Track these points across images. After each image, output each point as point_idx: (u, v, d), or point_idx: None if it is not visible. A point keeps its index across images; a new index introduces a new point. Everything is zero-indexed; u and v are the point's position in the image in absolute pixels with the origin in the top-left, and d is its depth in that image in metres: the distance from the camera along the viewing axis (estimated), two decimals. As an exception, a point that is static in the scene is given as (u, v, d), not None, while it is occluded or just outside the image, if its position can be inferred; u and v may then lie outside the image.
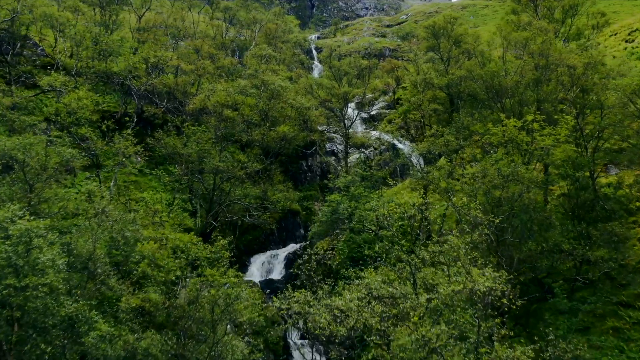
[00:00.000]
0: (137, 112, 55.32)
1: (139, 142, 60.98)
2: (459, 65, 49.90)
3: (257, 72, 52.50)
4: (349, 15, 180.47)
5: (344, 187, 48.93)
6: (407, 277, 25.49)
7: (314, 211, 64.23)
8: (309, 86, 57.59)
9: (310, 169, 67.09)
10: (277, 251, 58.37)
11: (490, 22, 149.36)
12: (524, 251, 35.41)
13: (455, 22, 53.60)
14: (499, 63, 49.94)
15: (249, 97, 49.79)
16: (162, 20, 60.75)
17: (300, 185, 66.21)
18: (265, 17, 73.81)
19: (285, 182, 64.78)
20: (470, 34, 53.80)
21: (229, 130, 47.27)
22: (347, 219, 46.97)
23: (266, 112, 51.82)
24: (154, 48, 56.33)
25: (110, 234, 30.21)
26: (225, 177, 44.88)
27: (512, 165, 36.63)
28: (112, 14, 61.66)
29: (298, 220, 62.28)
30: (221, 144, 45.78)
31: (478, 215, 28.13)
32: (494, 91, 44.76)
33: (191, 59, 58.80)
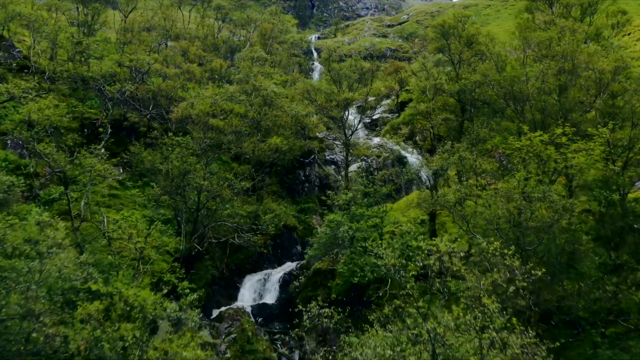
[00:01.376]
0: (111, 122, 49.13)
1: (122, 151, 55.27)
2: (472, 68, 43.67)
3: (248, 77, 46.33)
4: (350, 15, 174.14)
5: (344, 205, 42.71)
6: (425, 347, 19.33)
7: (312, 226, 57.97)
8: (306, 91, 51.40)
9: (308, 179, 60.84)
10: (272, 271, 52.16)
11: (493, 21, 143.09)
12: (557, 290, 29.27)
13: (467, 21, 47.29)
14: (517, 67, 43.67)
15: (238, 104, 43.56)
16: (147, 20, 54.52)
17: (297, 197, 59.99)
18: (260, 16, 67.52)
19: (280, 195, 58.63)
20: (484, 34, 47.54)
21: (215, 142, 40.99)
22: (349, 242, 40.81)
23: (258, 121, 45.63)
24: (135, 50, 50.14)
25: (57, 283, 23.92)
26: (211, 195, 38.68)
27: (541, 188, 30.44)
28: (94, 13, 55.37)
29: (295, 236, 56.04)
30: (206, 158, 39.53)
31: (514, 265, 21.86)
32: (513, 99, 38.51)
33: (177, 61, 52.61)
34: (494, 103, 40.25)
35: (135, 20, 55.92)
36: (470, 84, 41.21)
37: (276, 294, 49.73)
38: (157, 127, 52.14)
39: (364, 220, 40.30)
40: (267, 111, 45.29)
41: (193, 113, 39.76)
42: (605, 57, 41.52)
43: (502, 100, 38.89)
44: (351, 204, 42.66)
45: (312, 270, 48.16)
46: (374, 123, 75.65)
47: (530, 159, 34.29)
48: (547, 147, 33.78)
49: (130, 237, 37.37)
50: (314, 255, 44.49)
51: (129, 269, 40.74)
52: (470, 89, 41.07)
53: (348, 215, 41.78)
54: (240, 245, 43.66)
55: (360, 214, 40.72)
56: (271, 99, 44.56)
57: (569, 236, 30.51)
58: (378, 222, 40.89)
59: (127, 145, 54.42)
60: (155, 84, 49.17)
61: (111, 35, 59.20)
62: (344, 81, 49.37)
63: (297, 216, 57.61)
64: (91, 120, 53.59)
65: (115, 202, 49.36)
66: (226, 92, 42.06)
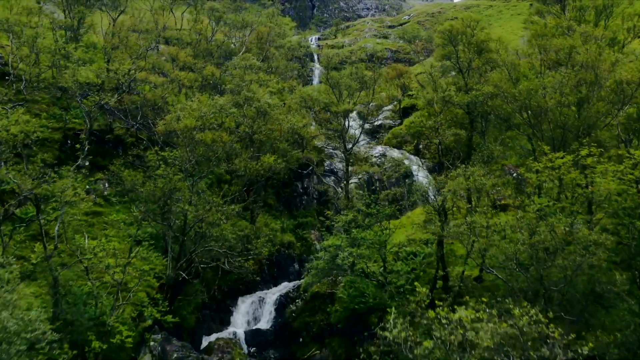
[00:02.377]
0: (95, 132, 44.98)
1: (107, 163, 50.89)
2: (484, 79, 39.34)
3: (240, 87, 42.02)
4: (350, 15, 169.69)
5: (344, 227, 38.51)
6: None
7: (310, 242, 53.76)
8: (304, 101, 47.16)
9: (306, 192, 56.59)
10: (267, 292, 47.92)
11: (495, 22, 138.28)
12: (587, 339, 25.06)
13: (476, 26, 42.92)
14: (532, 76, 39.40)
15: (229, 117, 39.20)
16: (135, 24, 50.11)
17: (294, 211, 55.70)
18: (257, 19, 63.09)
19: (276, 209, 54.32)
20: (494, 39, 43.23)
21: (203, 158, 36.67)
22: (349, 268, 36.63)
23: (251, 135, 41.36)
24: (121, 58, 45.82)
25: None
26: (197, 219, 34.41)
27: (567, 221, 26.29)
28: (79, 17, 51.04)
29: (292, 254, 51.84)
30: (193, 178, 35.26)
31: (554, 338, 17.60)
32: (531, 113, 34.26)
33: (166, 68, 48.29)
34: (508, 118, 35.97)
35: (123, 24, 51.54)
36: (481, 95, 36.91)
37: (272, 318, 45.56)
38: (145, 137, 47.78)
39: (366, 245, 36.14)
40: (261, 124, 41.03)
41: (178, 128, 35.53)
42: (626, 65, 37.29)
43: (518, 115, 34.63)
44: (351, 225, 38.50)
45: (309, 293, 43.95)
46: (375, 129, 71.38)
47: (552, 182, 30.11)
48: (570, 170, 29.60)
49: (107, 267, 33.26)
50: (310, 283, 40.33)
51: (109, 297, 36.69)
52: (481, 101, 36.77)
53: (348, 238, 37.62)
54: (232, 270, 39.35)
55: (362, 238, 36.53)
56: (265, 111, 40.25)
57: (599, 275, 26.29)
58: (381, 246, 36.76)
59: (113, 157, 50.03)
60: (141, 93, 44.87)
61: (99, 38, 54.77)
62: (344, 90, 45.07)
63: (294, 231, 53.42)
64: (75, 131, 49.20)
65: (99, 221, 45.08)
66: (215, 104, 37.72)
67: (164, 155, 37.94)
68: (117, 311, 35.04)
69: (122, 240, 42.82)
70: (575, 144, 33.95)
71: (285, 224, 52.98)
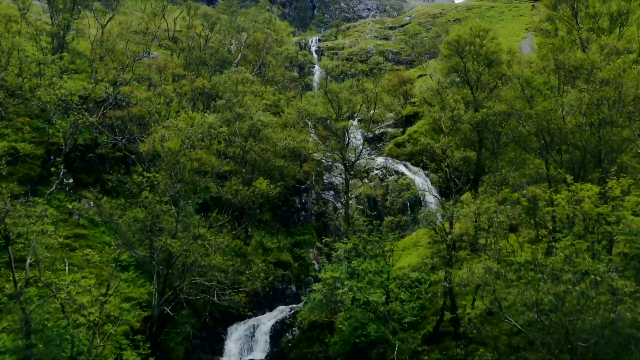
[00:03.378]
0: (63, 159, 41.29)
1: (93, 180, 47.18)
2: (495, 95, 35.53)
3: (231, 103, 38.16)
4: (351, 16, 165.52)
5: (344, 255, 34.83)
6: None
7: (308, 261, 50.08)
8: (301, 115, 43.40)
9: (304, 207, 52.79)
10: (262, 318, 44.16)
11: (497, 23, 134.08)
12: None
13: (486, 35, 39.06)
14: (545, 91, 35.59)
15: (219, 135, 35.36)
16: (121, 31, 46.26)
17: (292, 227, 51.88)
18: (253, 25, 58.97)
19: (272, 226, 50.53)
20: (506, 50, 39.46)
21: (189, 184, 32.87)
22: (350, 303, 32.92)
23: (243, 155, 37.64)
24: (107, 68, 42.04)
25: None
26: (182, 252, 30.70)
27: (597, 267, 22.59)
28: (64, 24, 47.31)
29: (289, 274, 48.14)
30: (178, 207, 31.54)
31: None
32: (548, 135, 30.48)
33: (154, 80, 44.48)
34: (522, 140, 32.20)
35: (112, 31, 47.69)
36: (493, 114, 33.09)
37: (266, 348, 41.84)
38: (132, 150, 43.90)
39: (367, 279, 32.47)
40: (253, 144, 37.30)
41: (162, 151, 31.81)
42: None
43: (534, 139, 30.89)
44: (352, 253, 34.84)
45: (307, 322, 40.24)
46: (377, 137, 67.50)
47: (576, 217, 26.40)
48: (598, 204, 25.89)
49: (81, 308, 29.58)
50: (306, 317, 36.64)
51: (88, 333, 33.02)
52: (493, 120, 32.96)
53: (348, 269, 33.94)
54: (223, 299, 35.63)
55: (363, 270, 32.85)
56: (258, 129, 36.52)
57: (633, 330, 22.57)
58: (383, 278, 33.09)
59: (99, 173, 46.39)
60: (127, 108, 41.10)
61: (88, 44, 50.82)
62: (344, 105, 41.30)
63: (292, 250, 49.70)
64: (59, 145, 45.41)
65: (82, 244, 41.35)
66: (202, 123, 33.91)
67: (149, 176, 34.23)
68: (96, 350, 31.51)
69: (107, 265, 39.14)
70: (597, 170, 30.28)
71: (282, 242, 49.28)
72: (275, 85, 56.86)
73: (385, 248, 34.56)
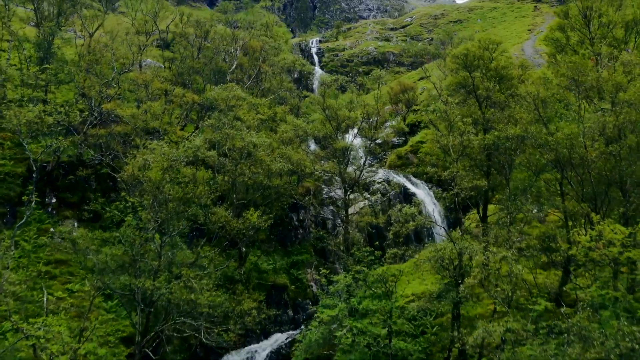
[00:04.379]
0: (49, 175, 38.04)
1: (77, 200, 43.84)
2: (507, 115, 32.05)
3: (220, 122, 34.63)
4: (352, 16, 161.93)
5: (343, 289, 31.53)
6: None
7: (305, 283, 46.70)
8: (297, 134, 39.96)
9: (302, 225, 49.38)
10: (257, 347, 40.79)
11: (499, 24, 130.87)
12: None
13: (496, 48, 35.58)
14: (560, 109, 32.12)
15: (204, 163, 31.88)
16: (108, 43, 42.68)
17: (289, 246, 48.43)
18: (249, 33, 55.27)
19: (269, 244, 47.18)
20: (517, 64, 36.06)
21: (173, 214, 29.38)
22: (349, 346, 29.56)
23: (233, 179, 34.25)
24: (91, 83, 38.58)
25: None
26: (165, 294, 27.33)
27: (630, 328, 19.27)
28: (49, 33, 43.91)
29: (285, 298, 44.78)
30: (164, 236, 28.15)
31: None
32: (569, 164, 27.07)
33: (140, 96, 41.02)
34: (540, 169, 28.76)
35: (100, 40, 44.13)
36: (505, 140, 29.60)
37: (261, 380, 38.68)
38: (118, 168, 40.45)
39: (369, 319, 29.14)
40: (244, 168, 33.92)
41: (143, 179, 28.49)
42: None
43: (552, 167, 27.47)
44: (351, 287, 31.53)
45: (303, 357, 36.87)
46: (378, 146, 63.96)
47: (603, 262, 23.05)
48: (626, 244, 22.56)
49: (52, 356, 26.25)
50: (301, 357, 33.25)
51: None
52: (507, 146, 29.53)
53: (347, 305, 30.61)
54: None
55: (365, 310, 29.51)
56: (249, 152, 33.15)
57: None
58: (386, 317, 29.78)
59: (84, 192, 43.01)
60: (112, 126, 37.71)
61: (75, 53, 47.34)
62: (343, 123, 37.90)
63: (289, 271, 46.29)
64: (42, 162, 42.07)
65: (63, 270, 38.05)
66: (189, 146, 30.44)
67: (133, 201, 30.89)
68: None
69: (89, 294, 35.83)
70: (621, 202, 26.90)
71: (278, 263, 45.91)
72: (272, 94, 53.36)
73: (387, 282, 31.26)
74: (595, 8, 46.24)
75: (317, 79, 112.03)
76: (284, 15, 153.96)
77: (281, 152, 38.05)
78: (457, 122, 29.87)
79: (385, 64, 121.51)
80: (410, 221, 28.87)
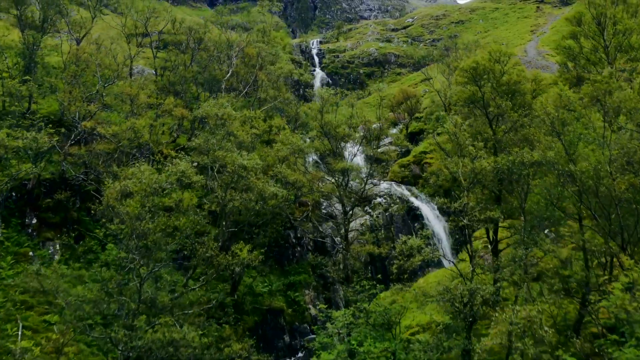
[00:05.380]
0: (29, 194, 34.82)
1: (60, 220, 40.58)
2: (522, 136, 28.76)
3: (209, 143, 31.26)
4: (353, 17, 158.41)
5: (343, 325, 28.27)
6: None
7: (303, 306, 43.46)
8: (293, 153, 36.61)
9: (299, 242, 46.13)
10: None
11: (501, 25, 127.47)
12: None
13: (508, 60, 32.22)
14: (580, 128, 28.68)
15: (192, 184, 28.59)
16: (92, 53, 39.25)
17: (286, 265, 45.14)
18: (245, 38, 51.78)
19: (264, 263, 43.94)
20: (531, 78, 32.72)
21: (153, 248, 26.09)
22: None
23: (222, 206, 30.94)
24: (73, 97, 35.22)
25: None
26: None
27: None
28: (32, 41, 40.60)
29: (282, 322, 41.53)
30: (142, 277, 24.88)
31: None
32: (595, 197, 23.78)
33: (124, 110, 37.69)
34: (561, 205, 25.40)
35: (84, 50, 40.75)
36: (522, 167, 26.25)
37: (255, 417, 35.44)
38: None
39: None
40: (234, 195, 30.61)
41: (122, 210, 25.20)
42: None
43: (576, 201, 24.15)
44: (351, 327, 28.29)
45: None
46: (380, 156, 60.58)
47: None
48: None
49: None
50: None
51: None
52: (523, 173, 26.17)
53: (346, 347, 27.37)
54: None
55: (365, 352, 26.26)
56: (239, 175, 29.84)
57: None
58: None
59: (68, 211, 39.69)
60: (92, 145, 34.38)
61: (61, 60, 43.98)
62: (342, 141, 34.61)
63: (286, 294, 43.03)
64: (22, 180, 38.79)
65: (41, 300, 34.73)
66: (169, 177, 27.03)
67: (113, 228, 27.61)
68: None
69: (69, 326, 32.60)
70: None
71: (275, 284, 42.67)
72: (269, 103, 49.98)
73: (391, 317, 28.06)
74: (610, 15, 42.86)
75: (318, 80, 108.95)
76: (284, 16, 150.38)
77: (277, 171, 34.77)
78: (467, 145, 26.54)
79: (387, 66, 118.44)
80: (415, 255, 25.54)
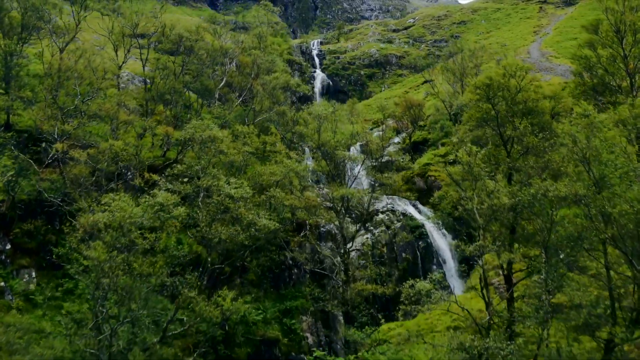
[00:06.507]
0: (1, 218, 31.18)
1: (36, 246, 36.88)
2: (544, 163, 25.08)
3: (192, 169, 27.55)
4: (354, 17, 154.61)
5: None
6: None
7: (300, 335, 39.78)
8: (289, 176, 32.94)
9: (296, 264, 42.46)
10: None
11: (504, 26, 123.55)
12: None
13: (524, 76, 28.46)
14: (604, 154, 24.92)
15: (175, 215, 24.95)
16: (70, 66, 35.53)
17: (282, 288, 41.52)
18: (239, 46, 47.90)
19: (259, 287, 40.36)
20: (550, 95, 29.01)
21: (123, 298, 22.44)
22: None
23: (207, 242, 27.34)
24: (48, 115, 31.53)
25: None
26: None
27: None
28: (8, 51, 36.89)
29: (277, 353, 37.91)
30: (112, 328, 21.24)
31: None
32: (636, 240, 20.15)
33: (103, 129, 33.91)
34: (595, 248, 21.75)
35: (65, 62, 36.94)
36: (543, 196, 22.58)
37: None
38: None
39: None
40: (220, 228, 27.00)
41: (89, 254, 21.54)
42: None
43: (620, 243, 20.48)
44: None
45: None
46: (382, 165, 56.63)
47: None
48: None
49: None
50: None
51: None
52: (547, 210, 22.41)
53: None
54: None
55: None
56: (226, 206, 26.19)
57: None
58: None
59: (45, 235, 35.90)
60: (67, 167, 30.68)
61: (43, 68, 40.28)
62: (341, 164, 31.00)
63: (281, 321, 39.36)
64: (-4, 202, 35.18)
65: (12, 336, 31.21)
66: (145, 211, 23.34)
67: (87, 264, 24.01)
68: None
69: None
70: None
71: (270, 311, 39.04)
72: (265, 114, 46.26)
73: None
74: (629, 22, 39.09)
75: (318, 82, 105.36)
76: (285, 16, 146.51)
77: (271, 195, 31.14)
78: (483, 176, 22.88)
79: (388, 67, 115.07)
80: (424, 300, 21.90)
